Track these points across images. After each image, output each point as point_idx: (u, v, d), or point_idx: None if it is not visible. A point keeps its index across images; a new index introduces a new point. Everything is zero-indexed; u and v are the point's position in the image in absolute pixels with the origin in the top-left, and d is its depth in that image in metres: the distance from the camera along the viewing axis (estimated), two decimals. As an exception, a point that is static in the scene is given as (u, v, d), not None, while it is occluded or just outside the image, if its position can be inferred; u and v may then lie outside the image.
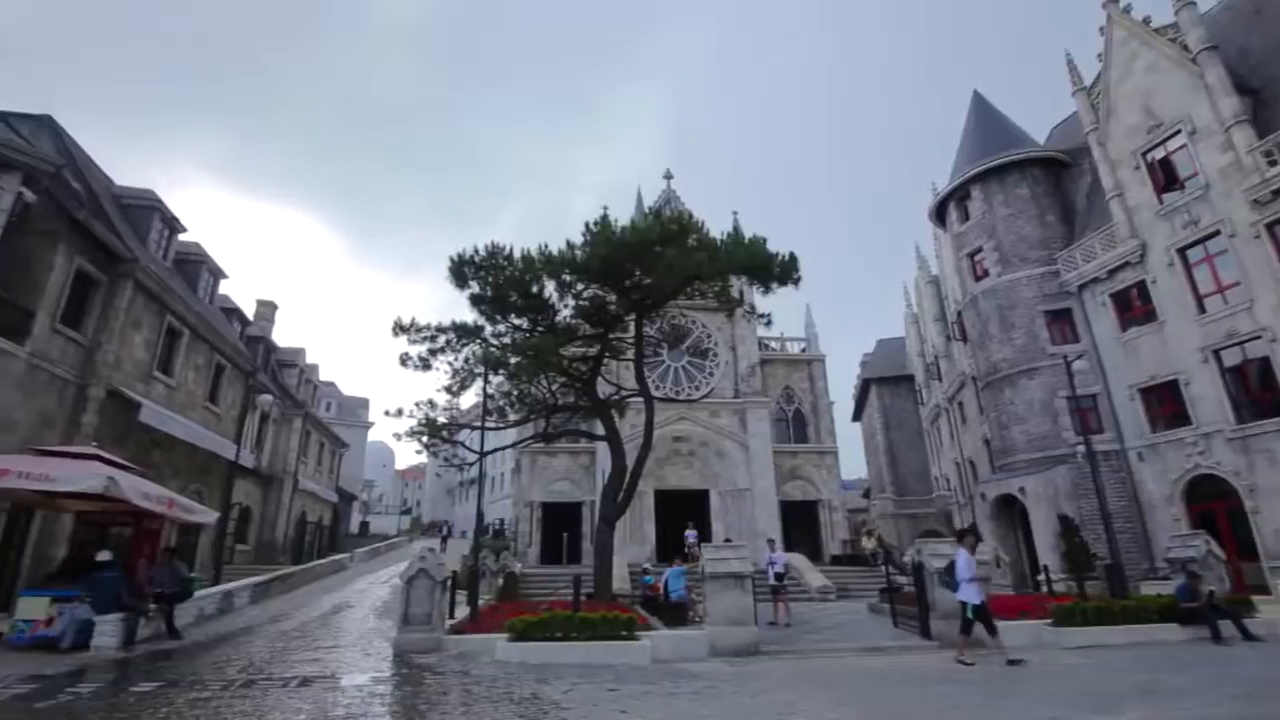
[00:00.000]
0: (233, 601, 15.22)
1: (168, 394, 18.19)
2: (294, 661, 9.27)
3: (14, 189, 12.36)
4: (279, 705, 6.75)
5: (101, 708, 6.58)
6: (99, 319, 15.45)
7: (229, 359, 22.27)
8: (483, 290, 14.39)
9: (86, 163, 18.76)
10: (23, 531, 13.30)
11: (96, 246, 15.14)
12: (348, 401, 61.56)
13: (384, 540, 44.35)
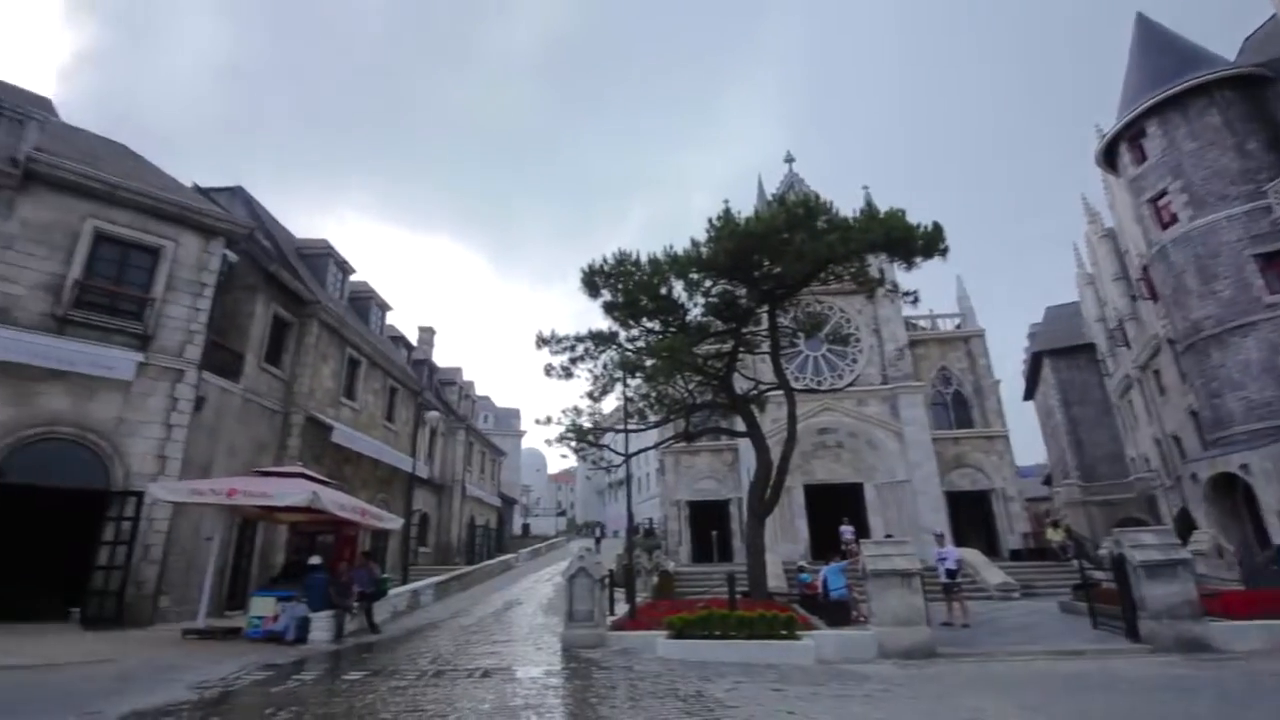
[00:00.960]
0: (419, 599, 16.79)
1: (353, 416, 20.54)
2: (475, 654, 10.02)
3: (220, 252, 14.57)
4: (466, 694, 7.32)
5: (321, 693, 7.50)
6: (294, 355, 17.81)
7: (400, 382, 24.72)
8: (614, 297, 14.76)
9: (271, 221, 21.71)
10: (250, 541, 15.64)
11: (286, 293, 17.45)
12: (501, 413, 65.99)
13: (544, 541, 46.93)
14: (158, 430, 12.88)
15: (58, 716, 6.09)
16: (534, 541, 47.23)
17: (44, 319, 12.14)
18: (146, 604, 12.15)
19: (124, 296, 13.17)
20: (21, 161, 12.20)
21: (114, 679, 7.80)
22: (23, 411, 11.61)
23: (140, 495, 12.14)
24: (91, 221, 12.99)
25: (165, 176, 15.81)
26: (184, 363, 13.44)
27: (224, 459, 14.57)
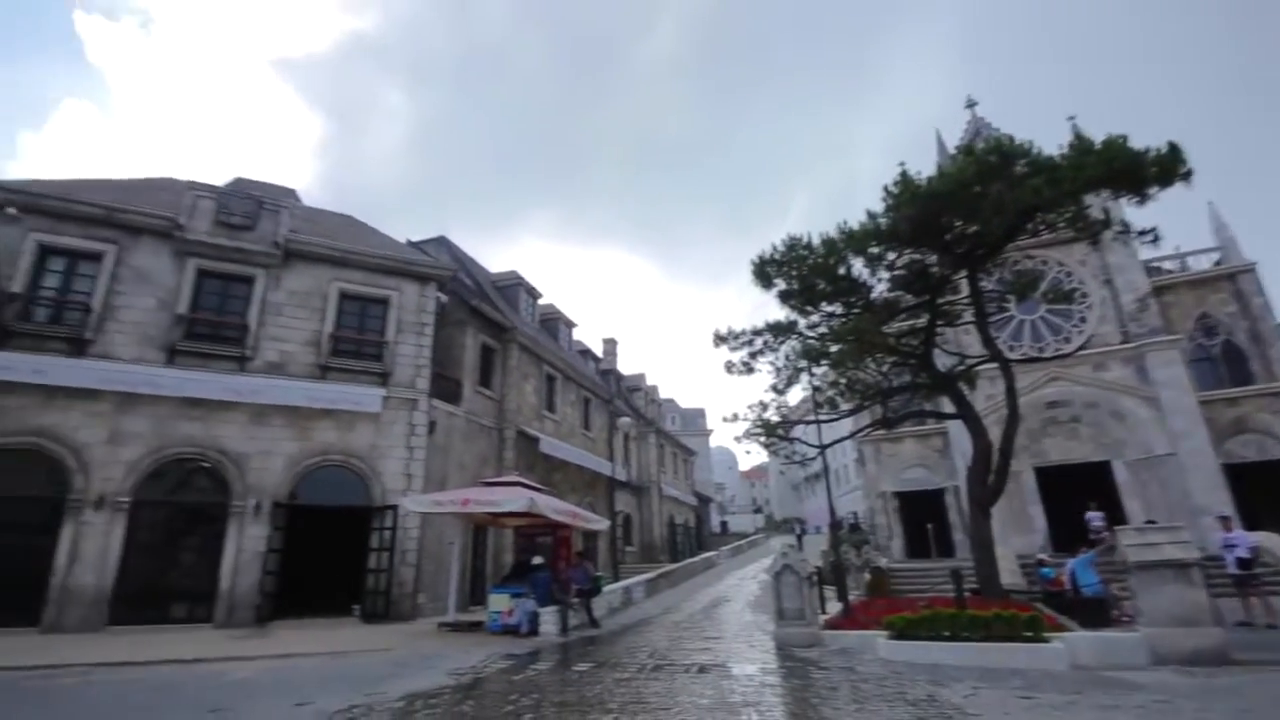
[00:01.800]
0: (631, 596, 17.60)
1: (555, 428, 22.21)
2: (690, 650, 10.22)
3: (433, 295, 16.59)
4: (685, 689, 7.48)
5: (556, 682, 8.13)
6: (501, 377, 19.71)
7: (591, 392, 26.28)
8: (789, 285, 14.26)
9: (469, 261, 24.28)
10: (483, 544, 17.54)
11: (489, 323, 19.39)
12: (687, 413, 67.33)
13: (744, 538, 46.86)
14: (402, 452, 14.99)
15: (352, 695, 7.27)
16: (733, 539, 47.35)
17: (311, 368, 14.74)
18: (408, 601, 14.16)
19: (366, 342, 15.54)
20: (282, 244, 14.97)
21: (390, 665, 9.16)
22: (305, 445, 14.18)
23: (395, 508, 14.23)
24: (336, 284, 15.55)
25: (384, 237, 18.45)
26: (416, 393, 15.50)
27: (455, 473, 16.54)
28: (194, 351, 13.83)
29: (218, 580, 12.82)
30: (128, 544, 12.45)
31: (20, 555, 11.87)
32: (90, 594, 11.93)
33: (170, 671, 8.81)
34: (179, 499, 13.23)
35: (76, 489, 12.26)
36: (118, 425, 12.82)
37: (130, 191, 15.29)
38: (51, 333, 12.92)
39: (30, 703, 7.11)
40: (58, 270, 13.44)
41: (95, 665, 8.95)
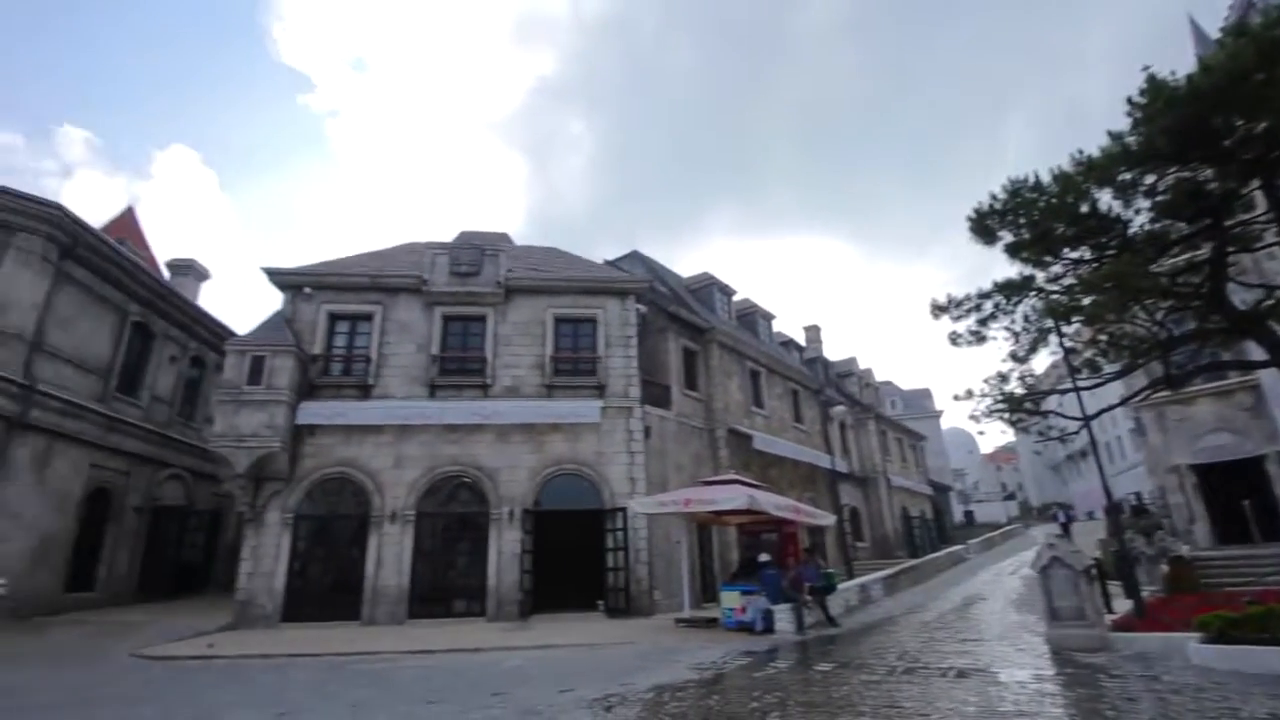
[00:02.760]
0: (869, 593, 16.65)
1: (765, 423, 21.94)
2: (944, 652, 9.35)
3: (634, 308, 17.39)
4: (944, 694, 6.84)
5: (798, 681, 7.95)
6: (705, 378, 20.01)
7: (799, 383, 25.53)
8: (1017, 235, 12.46)
9: (663, 270, 25.05)
10: (708, 542, 17.86)
11: (688, 327, 19.82)
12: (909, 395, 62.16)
13: (995, 529, 41.88)
14: (624, 458, 15.89)
15: (606, 684, 7.80)
16: (982, 530, 42.54)
17: (539, 389, 16.31)
18: (645, 598, 14.91)
19: (581, 360, 16.80)
20: (503, 283, 16.82)
21: (635, 657, 9.69)
22: (541, 457, 15.71)
23: (624, 510, 15.13)
24: (550, 310, 17.06)
25: (585, 261, 19.85)
26: (630, 402, 16.37)
27: (673, 475, 17.13)
28: (447, 384, 16.10)
29: (486, 579, 14.70)
30: (415, 550, 14.83)
31: (344, 562, 14.78)
32: (393, 593, 14.41)
33: (458, 658, 10.26)
34: (449, 510, 15.45)
35: (375, 507, 14.92)
36: (399, 452, 15.37)
37: (385, 259, 18.35)
38: (344, 382, 15.94)
39: (360, 682, 8.75)
40: (343, 332, 16.55)
41: (402, 653, 10.75)
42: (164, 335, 19.89)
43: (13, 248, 14.64)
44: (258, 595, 14.10)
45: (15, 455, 14.32)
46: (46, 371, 15.16)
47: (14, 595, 13.67)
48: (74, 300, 16.21)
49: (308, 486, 14.96)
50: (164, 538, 19.50)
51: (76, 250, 15.95)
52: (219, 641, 11.89)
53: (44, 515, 15.12)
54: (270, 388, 14.61)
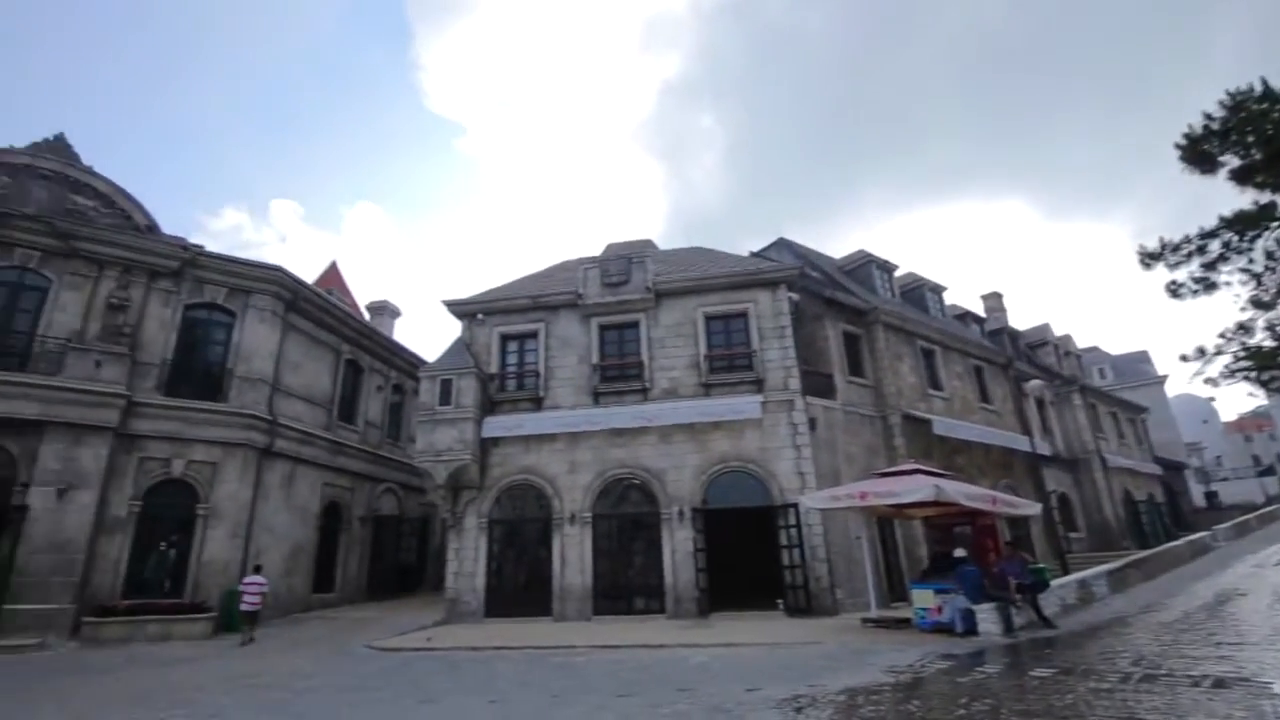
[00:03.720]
0: (1090, 590, 14.63)
1: (945, 405, 20.18)
2: (1194, 657, 7.92)
3: (785, 297, 16.87)
4: (1198, 707, 5.78)
5: (1010, 688, 7.16)
6: (871, 362, 18.88)
7: (981, 358, 23.18)
8: (1245, 157, 10.36)
9: (813, 254, 24.05)
10: (891, 538, 16.76)
11: (846, 310, 18.85)
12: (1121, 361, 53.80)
13: (1250, 511, 34.85)
14: (790, 452, 15.44)
15: (794, 685, 7.58)
16: (1231, 513, 35.59)
17: (696, 388, 16.39)
18: (826, 596, 14.33)
19: (735, 355, 16.63)
20: (652, 288, 17.16)
21: (823, 658, 9.32)
22: (705, 456, 15.74)
23: (795, 506, 14.69)
24: (700, 310, 17.09)
25: (730, 255, 19.65)
26: (790, 394, 15.88)
27: (845, 467, 16.32)
28: (609, 391, 16.75)
29: (663, 577, 15.02)
30: (595, 550, 15.56)
31: (534, 562, 15.90)
32: (579, 591, 15.21)
33: (643, 654, 10.56)
34: (622, 511, 16.01)
35: (556, 510, 15.88)
36: (572, 458, 16.24)
37: (542, 279, 19.55)
38: (519, 396, 17.18)
39: (557, 674, 9.30)
40: (514, 350, 17.87)
41: (592, 647, 11.29)
42: (370, 369, 22.85)
43: (251, 307, 17.65)
44: (463, 593, 15.63)
45: (267, 479, 17.22)
46: (284, 408, 18.06)
47: (275, 595, 16.36)
48: (299, 346, 19.16)
49: (497, 493, 16.34)
50: (383, 544, 22.36)
51: (297, 304, 18.87)
52: (435, 635, 13.33)
53: (292, 528, 18.04)
54: (458, 406, 16.17)
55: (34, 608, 13.19)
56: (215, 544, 15.58)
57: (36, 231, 15.42)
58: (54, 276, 15.54)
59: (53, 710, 7.81)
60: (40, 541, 13.62)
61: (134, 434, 15.24)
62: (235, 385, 16.86)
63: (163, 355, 16.22)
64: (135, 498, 15.06)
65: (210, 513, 15.72)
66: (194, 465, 15.82)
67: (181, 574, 15.20)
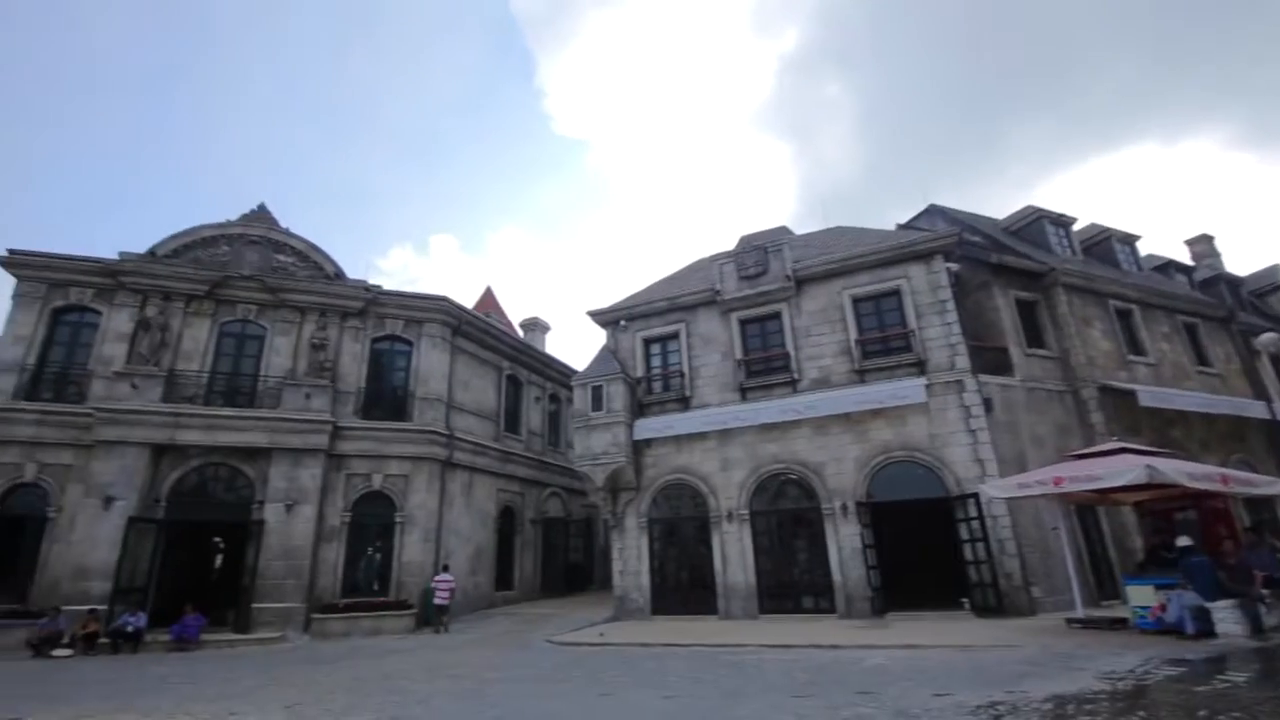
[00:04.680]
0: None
1: (1151, 372, 17.46)
2: None
3: (942, 269, 15.53)
4: None
5: (1269, 700, 5.97)
6: (1053, 330, 16.83)
7: (1193, 314, 19.75)
8: None
9: (969, 218, 21.90)
10: (1095, 527, 14.76)
11: (1016, 275, 16.97)
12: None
13: None
14: (963, 438, 14.16)
15: (989, 690, 6.89)
16: None
17: (849, 375, 15.58)
18: (1020, 595, 12.93)
19: (890, 337, 15.59)
20: (791, 275, 16.60)
21: (1021, 662, 8.40)
22: (865, 446, 14.90)
23: (975, 496, 13.43)
24: (846, 293, 16.26)
25: (874, 231, 18.48)
26: (958, 374, 14.58)
27: (1032, 450, 14.65)
28: (756, 386, 16.44)
29: (830, 575, 14.41)
30: (756, 548, 15.31)
31: (695, 560, 16.01)
32: (742, 589, 15.04)
33: (816, 654, 10.19)
34: (780, 507, 15.61)
35: (712, 508, 15.86)
36: (724, 455, 16.14)
37: (679, 280, 19.68)
38: (666, 398, 17.40)
39: (728, 672, 9.24)
40: (657, 353, 18.16)
41: (762, 646, 11.09)
42: (528, 381, 24.42)
43: (424, 335, 19.62)
44: (630, 591, 16.12)
45: (450, 487, 18.99)
46: (458, 422, 19.81)
47: (463, 592, 17.97)
48: (466, 366, 20.95)
49: (653, 494, 16.68)
50: (553, 544, 23.75)
51: (462, 328, 20.67)
52: (607, 631, 13.86)
53: (474, 531, 19.74)
54: (609, 411, 16.76)
55: (274, 606, 15.61)
56: (411, 547, 17.45)
57: (252, 289, 18.27)
58: (268, 325, 18.32)
59: (296, 694, 9.13)
60: (275, 550, 16.07)
61: (340, 454, 17.54)
62: (417, 405, 18.84)
63: (357, 384, 18.52)
64: (345, 509, 17.31)
65: (406, 520, 17.64)
66: (390, 478, 17.86)
67: (386, 574, 17.22)
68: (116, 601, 14.49)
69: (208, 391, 17.19)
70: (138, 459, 15.76)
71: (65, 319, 17.24)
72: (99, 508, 15.15)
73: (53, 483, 15.56)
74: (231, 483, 16.83)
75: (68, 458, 15.74)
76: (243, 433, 16.69)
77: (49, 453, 15.71)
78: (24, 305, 16.85)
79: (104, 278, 17.30)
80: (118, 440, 15.70)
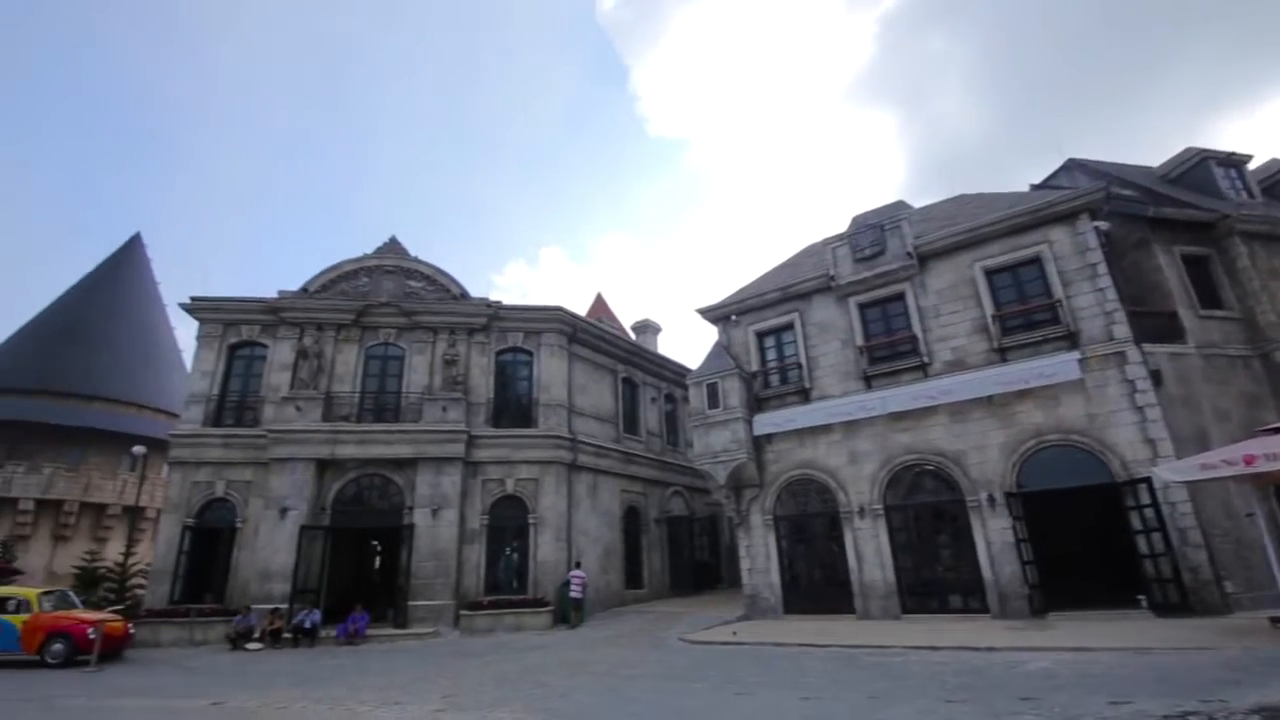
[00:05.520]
0: None
1: (1370, 328, 14.66)
2: None
3: (1088, 229, 13.94)
4: None
5: None
6: (1230, 287, 14.63)
7: None
8: None
9: (1115, 168, 19.50)
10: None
11: (1180, 227, 14.94)
12: None
13: None
14: (1129, 416, 12.62)
15: (1178, 699, 6.08)
16: None
17: (987, 355, 14.38)
18: (1210, 591, 11.30)
19: (1032, 310, 14.20)
20: (913, 252, 15.60)
21: (1217, 667, 7.35)
22: (1011, 431, 13.68)
23: (1147, 481, 11.94)
24: (977, 265, 15.02)
25: (1003, 196, 16.94)
26: (1117, 345, 13.03)
27: (1214, 427, 12.79)
28: (880, 373, 15.60)
29: (979, 572, 13.34)
30: (892, 544, 14.51)
31: (826, 557, 15.47)
32: (881, 587, 14.30)
33: (968, 656, 9.48)
34: (917, 501, 14.70)
35: (842, 503, 15.23)
36: (851, 448, 15.46)
37: (789, 268, 19.12)
38: (784, 391, 16.94)
39: (871, 674, 8.81)
40: (771, 346, 17.73)
41: (907, 647, 10.48)
42: (643, 383, 24.75)
43: (543, 345, 20.48)
44: (761, 590, 15.85)
45: (576, 489, 19.66)
46: (580, 426, 20.46)
47: (595, 590, 18.51)
48: (583, 371, 21.59)
49: (777, 490, 16.31)
50: (678, 542, 23.86)
51: (577, 336, 21.35)
52: (739, 630, 13.70)
53: (601, 531, 20.28)
54: (726, 408, 16.60)
55: (427, 603, 16.88)
56: (545, 547, 18.24)
57: (390, 314, 19.91)
58: (406, 346, 19.88)
59: (448, 684, 9.81)
60: (425, 551, 17.37)
61: (475, 461, 18.68)
62: (540, 412, 19.69)
63: (486, 395, 19.65)
64: (483, 512, 18.42)
65: (538, 521, 18.47)
66: (520, 482, 18.80)
67: (524, 573, 18.12)
68: (294, 600, 16.31)
69: (359, 409, 18.96)
70: (305, 473, 17.68)
71: (239, 353, 19.70)
72: (276, 518, 17.15)
73: (238, 497, 17.89)
74: (384, 491, 18.44)
75: (248, 475, 18.03)
76: (391, 445, 18.23)
77: (234, 471, 18.08)
78: (206, 344, 19.45)
79: (267, 314, 19.58)
80: (288, 457, 17.71)
